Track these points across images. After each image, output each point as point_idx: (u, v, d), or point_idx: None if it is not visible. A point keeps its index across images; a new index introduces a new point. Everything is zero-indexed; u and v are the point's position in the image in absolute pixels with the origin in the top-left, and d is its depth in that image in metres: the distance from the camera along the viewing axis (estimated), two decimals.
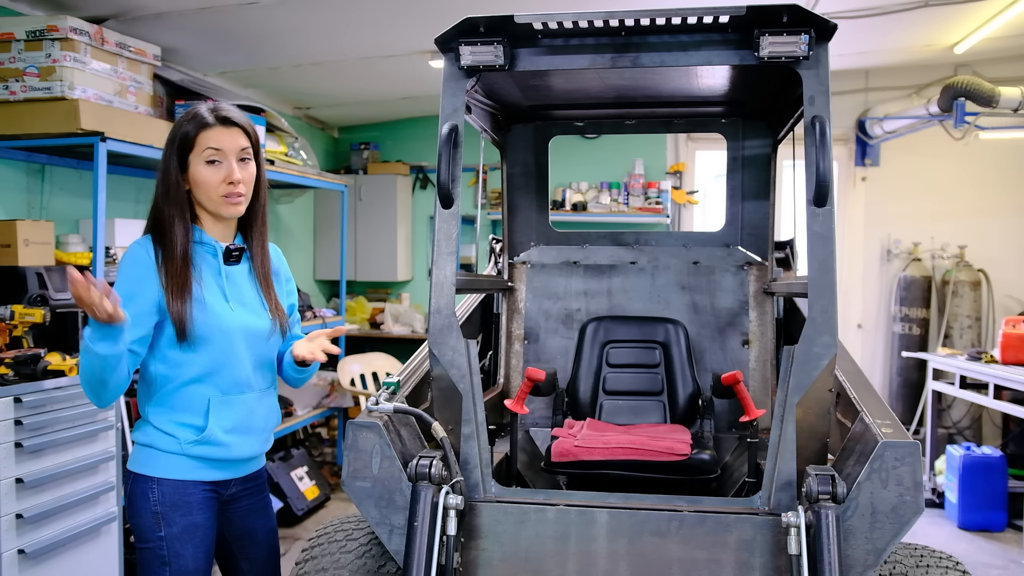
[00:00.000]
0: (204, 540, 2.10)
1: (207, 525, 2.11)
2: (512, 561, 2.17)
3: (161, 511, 2.04)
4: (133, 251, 2.05)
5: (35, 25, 3.67)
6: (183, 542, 2.05)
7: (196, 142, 2.06)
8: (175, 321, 2.01)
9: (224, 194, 2.09)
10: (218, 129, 2.08)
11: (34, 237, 3.67)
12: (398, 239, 7.16)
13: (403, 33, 4.88)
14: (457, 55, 2.33)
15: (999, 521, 5.16)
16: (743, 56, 2.26)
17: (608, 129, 3.75)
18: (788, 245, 3.72)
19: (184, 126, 2.08)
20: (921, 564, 2.40)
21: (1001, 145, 6.58)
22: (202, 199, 2.10)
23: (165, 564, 2.04)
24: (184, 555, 2.05)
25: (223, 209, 2.11)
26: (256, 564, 2.28)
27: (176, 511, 2.05)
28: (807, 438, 2.16)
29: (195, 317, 2.03)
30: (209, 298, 2.07)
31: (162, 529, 2.04)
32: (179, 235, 2.06)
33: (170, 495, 2.05)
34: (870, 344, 7.02)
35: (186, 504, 2.07)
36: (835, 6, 4.64)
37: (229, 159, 2.09)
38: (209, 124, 2.07)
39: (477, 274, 3.68)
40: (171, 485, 2.06)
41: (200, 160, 2.07)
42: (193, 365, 2.06)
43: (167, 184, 2.08)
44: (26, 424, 2.97)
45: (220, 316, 2.08)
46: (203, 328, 2.04)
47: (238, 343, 2.11)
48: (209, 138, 2.07)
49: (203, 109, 2.10)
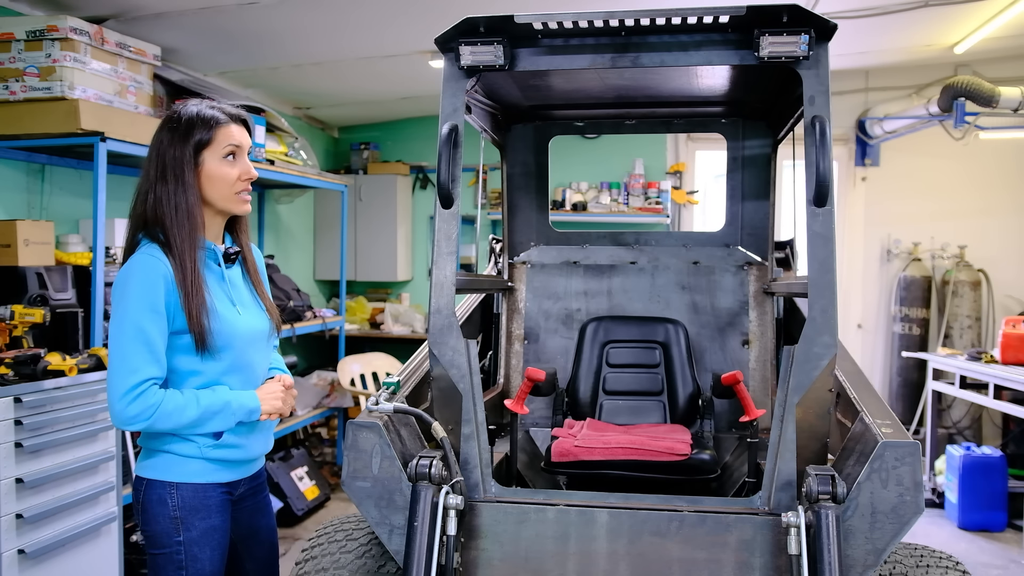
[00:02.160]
0: (221, 542, 2.10)
1: (224, 527, 2.11)
2: (512, 561, 2.17)
3: (180, 516, 2.03)
4: (145, 264, 1.98)
5: (35, 25, 3.67)
6: (201, 546, 2.05)
7: (215, 138, 2.05)
8: (196, 335, 1.99)
9: (238, 191, 2.09)
10: (234, 126, 2.09)
11: (34, 237, 3.67)
12: (398, 239, 7.16)
13: (403, 33, 4.88)
14: (457, 55, 2.33)
15: (999, 521, 5.16)
16: (743, 56, 2.26)
17: (608, 129, 3.75)
18: (788, 245, 3.72)
19: (199, 125, 2.04)
20: (921, 564, 2.40)
21: (1001, 145, 6.58)
22: (214, 196, 2.08)
23: (182, 568, 2.03)
24: (202, 559, 2.05)
25: (236, 206, 2.11)
26: (260, 563, 2.28)
27: (195, 515, 2.04)
28: (807, 438, 2.16)
29: (212, 327, 2.01)
30: (219, 306, 2.06)
31: (180, 534, 2.03)
32: (192, 247, 2.01)
33: (190, 499, 2.04)
34: (870, 344, 7.02)
35: (205, 507, 2.06)
36: (835, 6, 4.64)
37: (243, 155, 2.11)
38: (226, 121, 2.07)
39: (477, 274, 3.68)
40: (191, 489, 2.05)
41: (217, 156, 2.06)
42: (210, 372, 2.05)
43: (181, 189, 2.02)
44: (26, 424, 2.97)
45: (231, 323, 2.07)
46: (219, 337, 2.03)
47: (249, 347, 2.12)
48: (230, 135, 2.07)
49: (215, 107, 2.09)
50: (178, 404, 1.96)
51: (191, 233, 2.02)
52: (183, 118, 2.06)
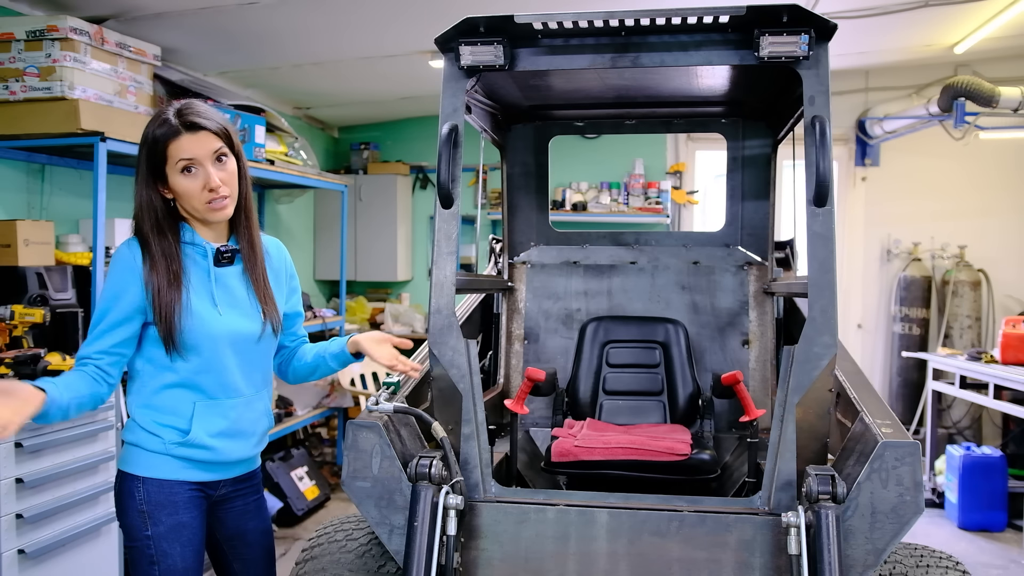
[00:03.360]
0: (192, 539, 2.09)
1: (194, 524, 2.09)
2: (512, 561, 2.17)
3: (147, 510, 2.03)
4: (119, 252, 2.05)
5: (35, 25, 3.66)
6: (170, 541, 2.04)
7: (168, 154, 2.01)
8: (162, 334, 2.00)
9: (207, 201, 2.03)
10: (186, 137, 2.00)
11: (34, 237, 3.67)
12: (398, 239, 7.16)
13: (403, 33, 4.88)
14: (457, 55, 2.33)
15: (999, 521, 5.15)
16: (743, 56, 2.26)
17: (608, 129, 3.75)
18: (788, 245, 3.72)
19: (151, 138, 2.02)
20: (921, 564, 2.40)
21: (1001, 145, 6.58)
22: (187, 208, 2.06)
23: (154, 563, 2.03)
24: (172, 554, 2.04)
25: (209, 215, 2.06)
26: (249, 565, 2.26)
27: (162, 510, 2.04)
28: (807, 438, 2.16)
29: (183, 325, 2.01)
30: (197, 304, 2.04)
31: (149, 528, 2.03)
32: (162, 246, 2.03)
33: (155, 494, 2.04)
34: (870, 344, 7.02)
35: (171, 503, 2.05)
36: (835, 6, 4.64)
37: (204, 165, 2.01)
38: (175, 133, 1.99)
39: (477, 274, 3.69)
40: (156, 484, 2.04)
41: (175, 171, 2.02)
42: (179, 370, 2.05)
43: (139, 200, 2.05)
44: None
45: (208, 322, 2.04)
46: (190, 335, 2.02)
47: (225, 349, 2.08)
48: (180, 148, 2.00)
49: (170, 114, 2.02)
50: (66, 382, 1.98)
51: (164, 237, 2.04)
52: (145, 133, 2.04)
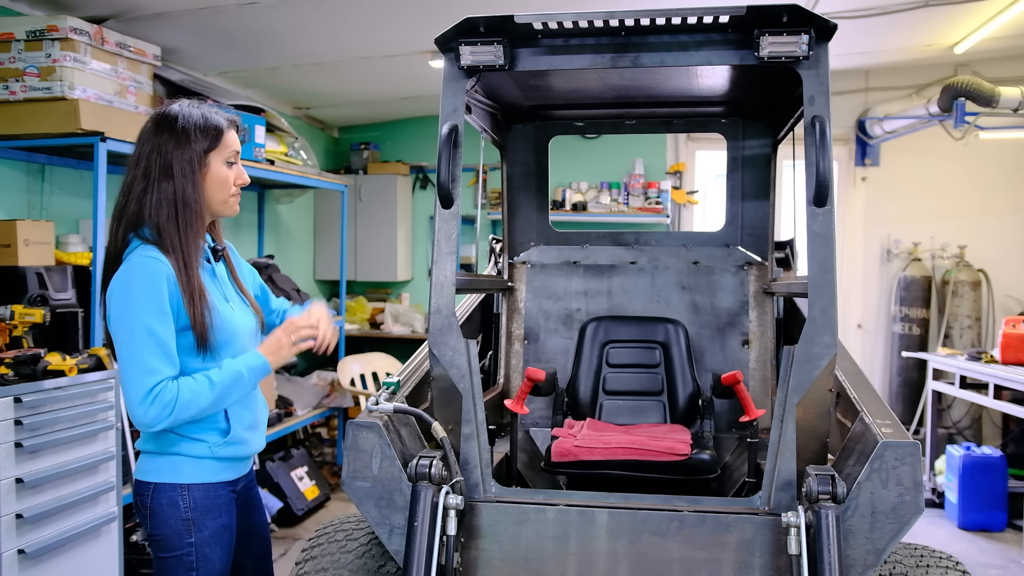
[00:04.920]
0: (231, 541, 2.12)
1: (232, 525, 2.13)
2: (512, 561, 2.17)
3: (193, 517, 2.03)
4: (150, 266, 1.94)
5: (35, 25, 3.67)
6: (212, 545, 2.05)
7: (222, 143, 2.08)
8: (198, 335, 1.99)
9: (232, 194, 2.13)
10: (234, 132, 2.14)
11: (34, 237, 3.67)
12: (398, 239, 7.16)
13: (403, 33, 4.88)
14: (457, 55, 2.33)
15: (999, 521, 5.16)
16: (743, 56, 2.26)
17: (608, 129, 3.75)
18: (788, 245, 3.72)
19: (212, 124, 2.07)
20: (921, 564, 2.41)
21: (1001, 145, 6.58)
22: (211, 199, 2.09)
23: (192, 570, 2.03)
24: (213, 558, 2.06)
25: (228, 209, 2.14)
26: (255, 559, 2.30)
27: (207, 515, 2.05)
28: (807, 438, 2.16)
29: (215, 324, 2.03)
30: (216, 303, 2.07)
31: (192, 535, 2.03)
32: (196, 247, 2.03)
33: (202, 500, 2.05)
34: (870, 344, 7.02)
35: (216, 507, 2.07)
36: (835, 6, 4.64)
37: (238, 161, 2.15)
38: (229, 126, 2.12)
39: (477, 274, 3.69)
40: (202, 489, 2.05)
41: (221, 160, 2.08)
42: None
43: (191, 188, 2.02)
44: (26, 424, 2.97)
45: (228, 319, 2.08)
46: (220, 334, 2.04)
47: (246, 342, 2.13)
48: (233, 140, 2.11)
49: (217, 112, 2.11)
50: (193, 390, 1.95)
51: (197, 233, 2.04)
52: (190, 120, 2.04)
